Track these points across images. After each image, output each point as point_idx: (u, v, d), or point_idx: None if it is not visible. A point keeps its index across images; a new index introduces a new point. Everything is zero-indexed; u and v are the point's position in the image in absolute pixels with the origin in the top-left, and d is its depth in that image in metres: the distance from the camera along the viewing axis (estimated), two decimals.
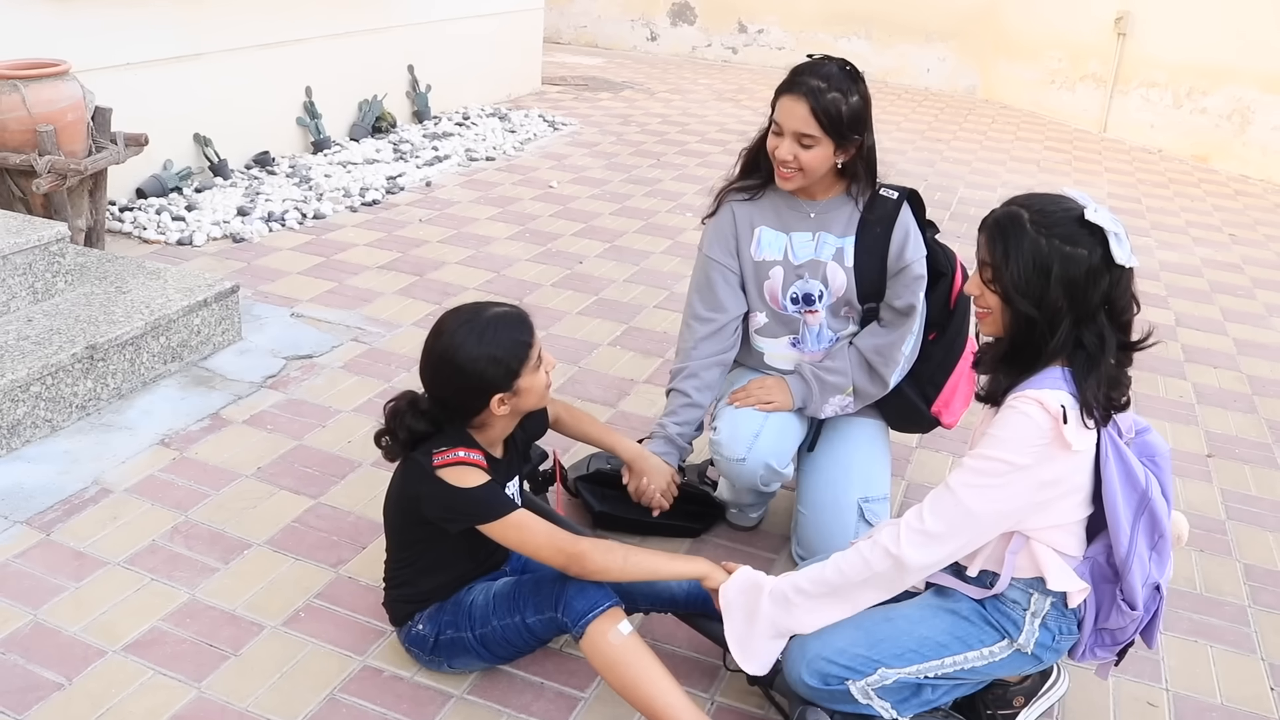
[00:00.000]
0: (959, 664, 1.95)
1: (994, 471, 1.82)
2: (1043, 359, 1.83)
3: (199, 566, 2.49)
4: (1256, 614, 2.64)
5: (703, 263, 2.62)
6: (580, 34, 11.39)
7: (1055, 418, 1.77)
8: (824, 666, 1.94)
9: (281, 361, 3.51)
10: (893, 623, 1.97)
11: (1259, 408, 3.79)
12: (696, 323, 2.61)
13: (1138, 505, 1.88)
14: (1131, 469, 1.87)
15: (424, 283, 4.29)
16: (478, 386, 2.05)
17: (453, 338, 2.06)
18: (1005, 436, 1.81)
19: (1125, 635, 1.96)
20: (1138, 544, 1.88)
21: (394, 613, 2.24)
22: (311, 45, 5.91)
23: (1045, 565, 1.89)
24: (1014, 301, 1.82)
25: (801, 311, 2.56)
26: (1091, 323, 1.81)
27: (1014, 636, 1.93)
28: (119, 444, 2.96)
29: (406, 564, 2.19)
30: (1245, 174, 7.50)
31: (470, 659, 2.17)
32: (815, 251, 2.52)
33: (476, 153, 6.32)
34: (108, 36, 4.64)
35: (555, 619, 2.04)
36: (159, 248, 4.44)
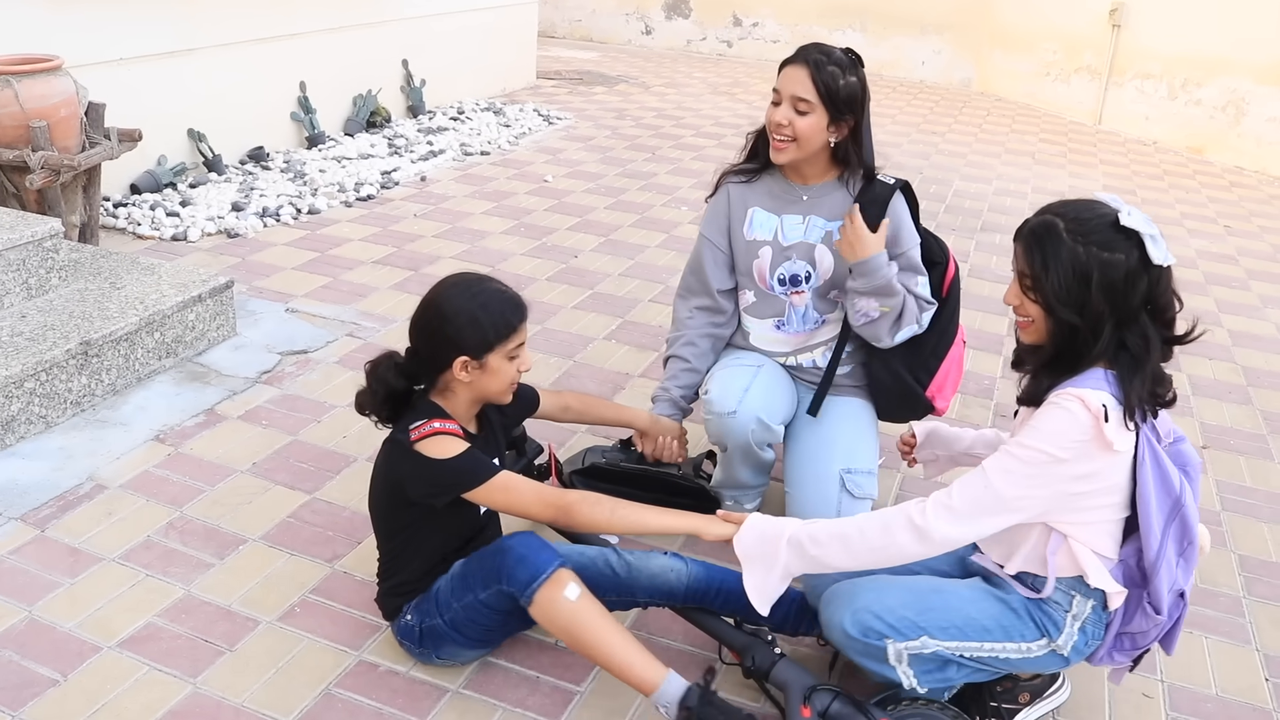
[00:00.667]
0: (995, 651, 1.96)
1: (1031, 460, 1.83)
2: (1086, 362, 1.84)
3: (194, 562, 2.49)
4: (1251, 605, 2.64)
5: (699, 240, 2.74)
6: (575, 28, 11.37)
7: (1096, 416, 1.78)
8: (870, 620, 1.94)
9: (276, 357, 3.51)
10: (944, 596, 1.98)
11: (1254, 399, 3.80)
12: (690, 295, 2.75)
13: (1170, 510, 1.89)
14: (1167, 473, 1.88)
15: (419, 277, 4.28)
16: (451, 339, 2.07)
17: (450, 288, 2.12)
18: (1047, 429, 1.82)
19: (1146, 640, 1.96)
20: (1167, 549, 1.88)
21: (385, 607, 2.26)
22: (305, 40, 5.89)
23: (1085, 564, 1.89)
24: (1056, 311, 1.84)
25: (788, 293, 2.64)
26: (1134, 324, 1.82)
27: (1053, 637, 1.95)
28: (114, 440, 2.96)
29: (394, 555, 2.20)
30: (1240, 165, 7.51)
31: (453, 647, 2.17)
32: (804, 234, 2.59)
33: (471, 147, 6.31)
34: (101, 32, 4.63)
35: (502, 591, 2.04)
36: (153, 243, 4.43)
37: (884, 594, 1.97)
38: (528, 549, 2.03)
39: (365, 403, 2.15)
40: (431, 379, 2.15)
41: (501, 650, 2.27)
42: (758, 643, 2.13)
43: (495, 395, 2.17)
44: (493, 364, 2.10)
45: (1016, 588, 1.97)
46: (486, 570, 2.06)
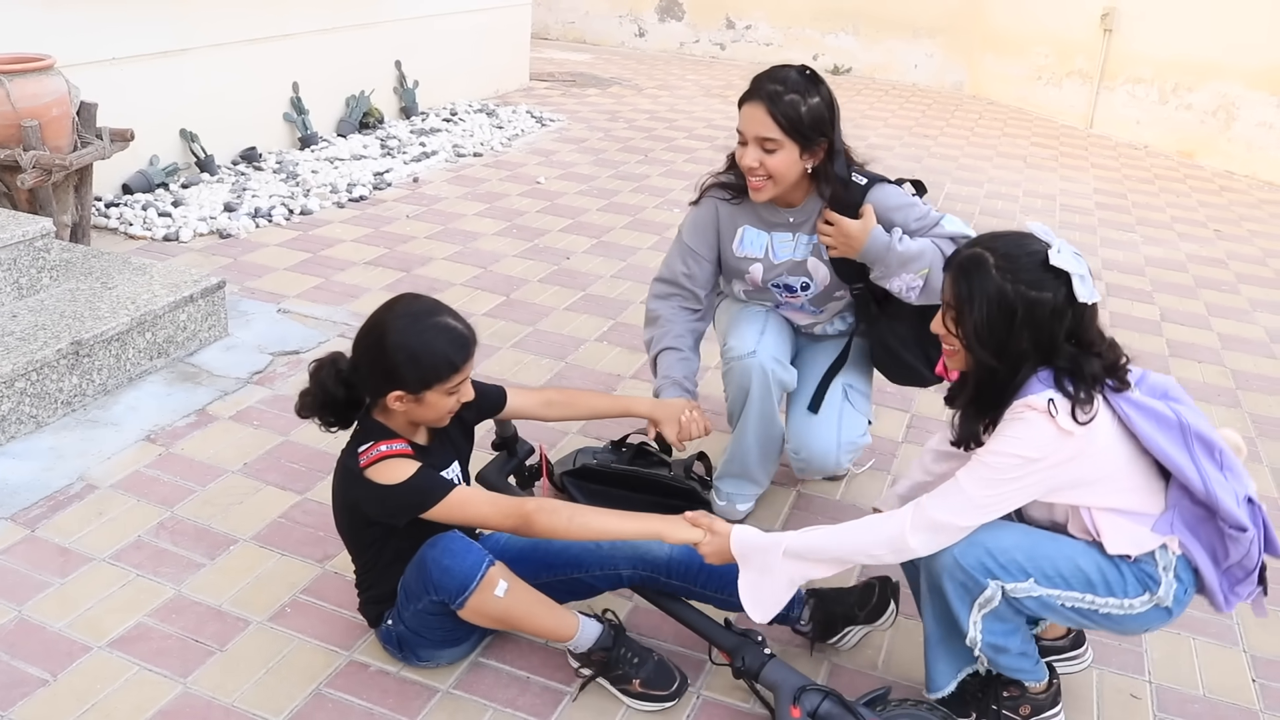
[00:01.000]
0: (1097, 605, 1.95)
1: (1004, 466, 1.86)
2: (1008, 397, 1.88)
3: (185, 562, 2.49)
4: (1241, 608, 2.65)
5: (679, 246, 2.71)
6: (568, 30, 11.38)
7: (1045, 412, 1.81)
8: (982, 555, 1.94)
9: (268, 357, 3.50)
10: (1057, 544, 1.96)
11: (1242, 402, 3.81)
12: (671, 296, 2.72)
13: (1183, 438, 1.89)
14: (1156, 411, 1.89)
15: (411, 278, 4.28)
16: (387, 372, 2.03)
17: (396, 319, 2.05)
18: (1013, 436, 1.86)
19: (1252, 561, 1.92)
20: (1206, 470, 1.87)
21: (368, 616, 2.26)
22: (299, 41, 5.89)
23: (1103, 531, 1.90)
24: (974, 350, 1.88)
25: (782, 295, 2.69)
26: (1057, 354, 1.85)
27: (1154, 591, 1.92)
28: (104, 440, 2.95)
29: (368, 567, 2.19)
30: (1230, 169, 7.54)
31: (428, 649, 2.18)
32: (793, 252, 2.60)
33: (464, 148, 6.31)
34: (93, 31, 4.62)
35: (434, 600, 2.05)
36: (145, 243, 4.43)
37: (1000, 534, 1.96)
38: (452, 557, 2.03)
39: (305, 405, 2.11)
40: (370, 398, 2.11)
41: (491, 650, 2.27)
42: (747, 643, 2.14)
43: (430, 423, 2.14)
44: (429, 399, 2.05)
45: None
46: (418, 583, 2.07)
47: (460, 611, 2.05)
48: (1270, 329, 4.55)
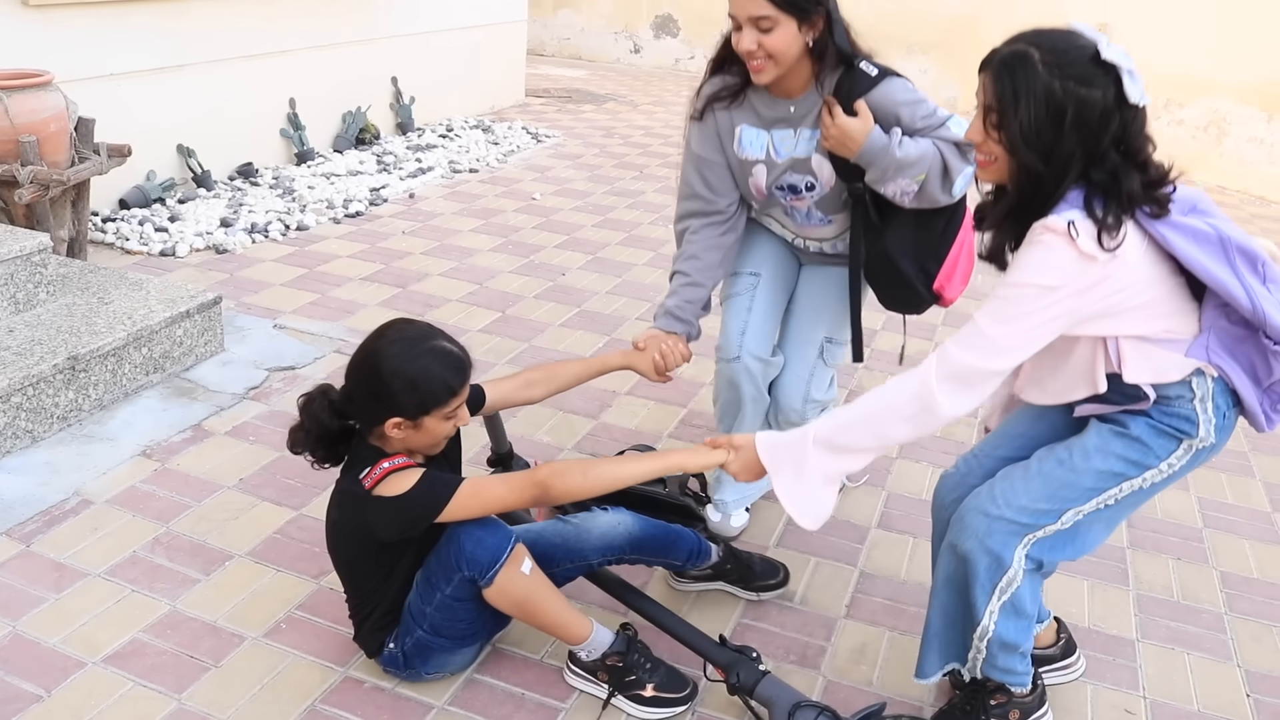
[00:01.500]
0: (1137, 486, 1.90)
1: (1021, 297, 1.75)
2: (1050, 206, 1.74)
3: (180, 578, 2.49)
4: (1233, 621, 2.66)
5: (691, 159, 2.59)
6: (563, 46, 11.42)
7: (1063, 233, 1.69)
8: (1009, 527, 1.92)
9: (264, 373, 3.51)
10: (1067, 465, 1.92)
11: None
12: (689, 216, 2.61)
13: (1223, 252, 1.76)
14: (1193, 228, 1.76)
15: (407, 294, 4.29)
16: (386, 401, 2.00)
17: (390, 345, 2.04)
18: (1029, 264, 1.74)
19: None
20: (1250, 284, 1.75)
21: (368, 646, 2.23)
22: (295, 57, 5.91)
23: (1126, 359, 1.82)
24: (1019, 153, 1.73)
25: (787, 198, 2.54)
26: (1102, 162, 1.72)
27: (1193, 435, 1.85)
28: (100, 455, 2.95)
29: (370, 592, 2.17)
30: (1222, 185, 7.58)
31: (441, 656, 2.17)
32: (795, 149, 2.45)
33: (460, 165, 6.33)
34: (91, 47, 4.64)
35: (464, 578, 2.04)
36: (141, 258, 4.44)
37: (1013, 495, 1.93)
38: (484, 529, 2.03)
39: (299, 441, 2.08)
40: (367, 425, 2.09)
41: (486, 666, 2.27)
42: (742, 660, 2.15)
43: (425, 449, 2.12)
44: (428, 425, 2.04)
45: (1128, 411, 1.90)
46: (445, 563, 2.06)
47: (488, 590, 2.03)
48: None
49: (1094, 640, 2.53)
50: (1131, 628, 2.59)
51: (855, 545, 2.83)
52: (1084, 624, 2.59)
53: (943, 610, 2.07)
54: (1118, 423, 1.91)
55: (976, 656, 2.05)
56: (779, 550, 2.78)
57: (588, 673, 2.21)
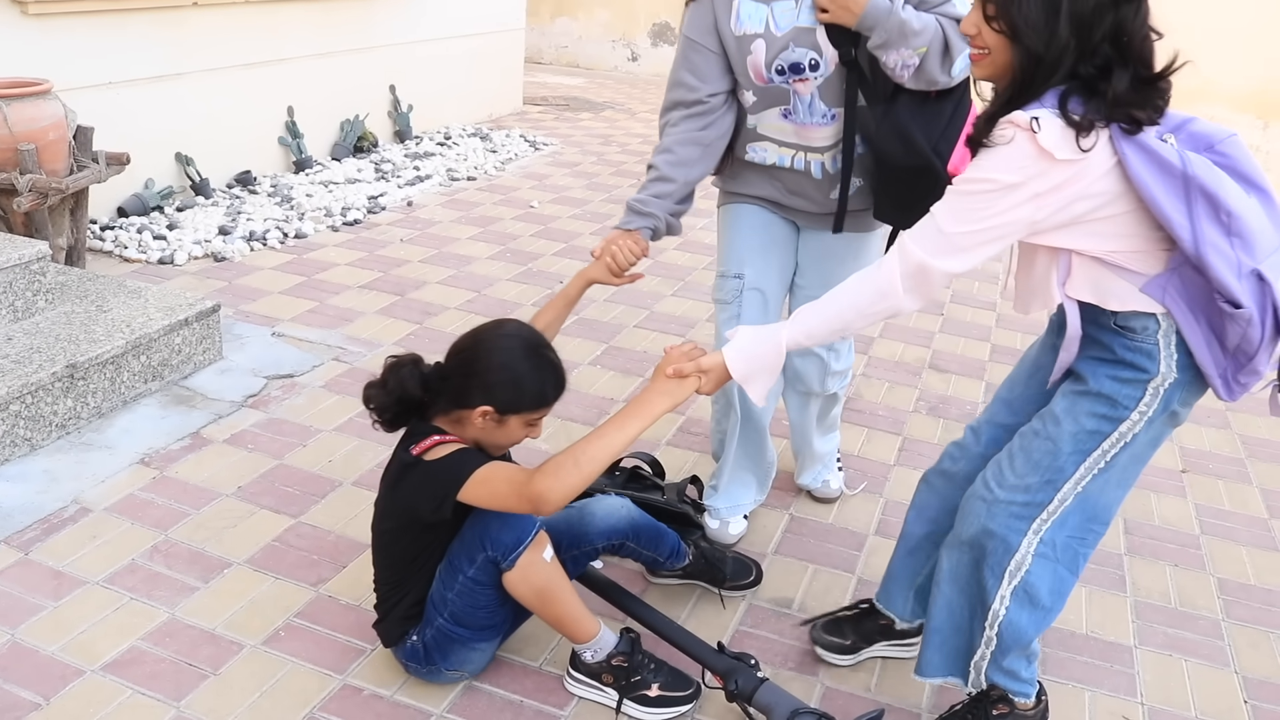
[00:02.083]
0: (1120, 441, 1.89)
1: (977, 192, 1.76)
2: (1044, 90, 1.73)
3: (178, 585, 2.49)
4: (1230, 628, 2.67)
5: (682, 44, 2.47)
6: (561, 54, 11.45)
7: (1024, 127, 1.69)
8: (1008, 509, 1.95)
9: (262, 381, 3.51)
10: (1044, 436, 1.94)
11: (1231, 423, 3.84)
12: (672, 107, 2.49)
13: (1184, 190, 1.72)
14: (1161, 156, 1.72)
15: (405, 302, 4.30)
16: (487, 387, 2.05)
17: (508, 339, 2.11)
18: (988, 161, 1.75)
19: (1251, 345, 1.77)
20: (1204, 231, 1.72)
21: (387, 634, 2.23)
22: (293, 65, 5.93)
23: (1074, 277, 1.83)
24: (1022, 37, 1.71)
25: (789, 81, 2.37)
26: (1093, 55, 1.71)
27: (1153, 372, 1.83)
28: (98, 463, 2.95)
29: (396, 584, 2.19)
30: None
31: (462, 650, 2.16)
32: (798, 18, 2.32)
33: (458, 172, 6.34)
34: (90, 56, 4.65)
35: (488, 558, 2.05)
36: (140, 266, 4.44)
37: (1004, 475, 1.97)
38: (502, 520, 2.05)
39: (373, 397, 2.11)
40: (447, 406, 2.12)
41: (485, 673, 2.28)
42: (741, 667, 2.15)
43: (495, 448, 2.16)
44: (510, 424, 2.09)
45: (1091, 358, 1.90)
46: (468, 543, 2.06)
47: (509, 573, 2.04)
48: None
49: (1091, 647, 2.54)
50: (1129, 634, 2.60)
51: (854, 553, 2.84)
52: (1082, 630, 2.59)
53: (947, 606, 2.09)
54: (1079, 379, 1.93)
55: (985, 652, 2.05)
56: (777, 558, 2.78)
57: (590, 677, 2.21)
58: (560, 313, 2.46)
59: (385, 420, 2.14)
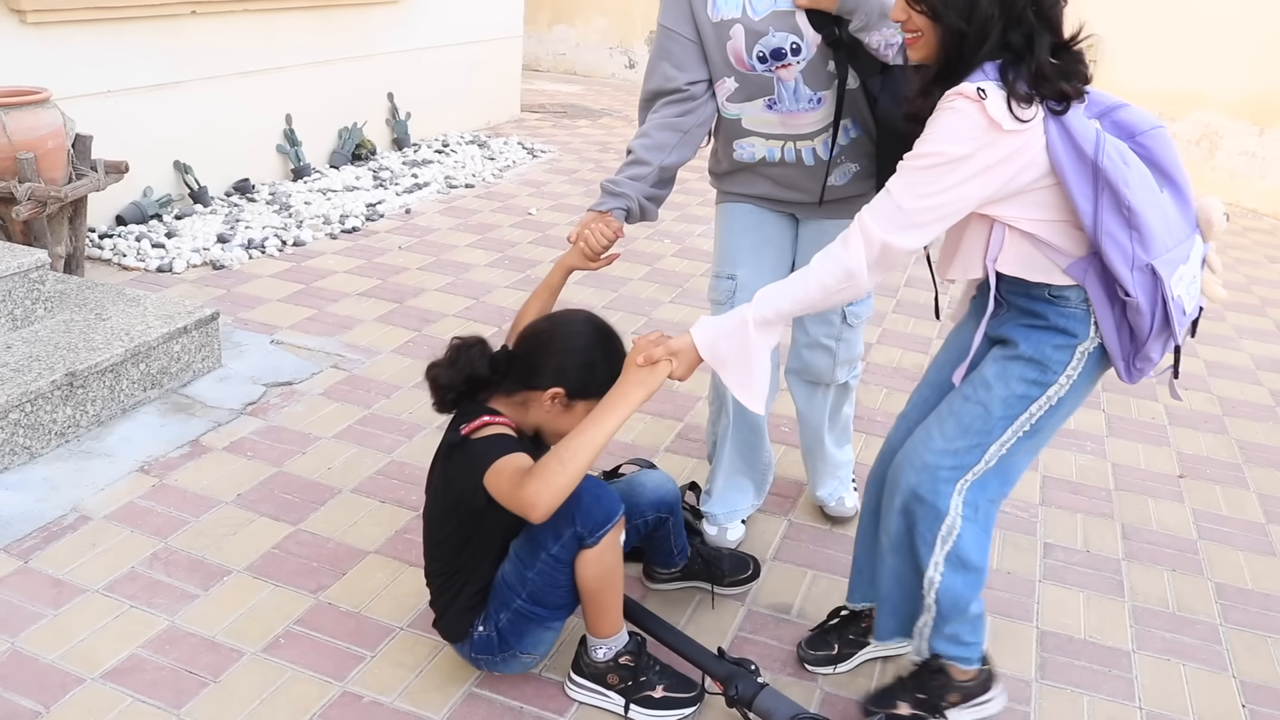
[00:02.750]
0: (1045, 405, 1.96)
1: (930, 165, 1.80)
2: (974, 65, 1.80)
3: (178, 593, 2.49)
4: (1228, 632, 2.67)
5: (659, 33, 2.46)
6: (559, 61, 11.47)
7: (974, 98, 1.75)
8: (935, 474, 1.99)
9: (261, 388, 3.52)
10: (974, 400, 1.99)
11: (1229, 428, 3.85)
12: (652, 98, 2.50)
13: (1093, 178, 1.80)
14: (1078, 139, 1.80)
15: (403, 309, 4.30)
16: (563, 369, 2.07)
17: (585, 326, 2.14)
18: (938, 133, 1.80)
19: (1141, 332, 1.89)
20: (1104, 222, 1.81)
21: (451, 628, 2.21)
22: (292, 73, 5.94)
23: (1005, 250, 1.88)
24: (943, 16, 1.80)
25: (772, 69, 2.36)
26: (1019, 24, 1.78)
27: (1080, 337, 1.92)
28: (98, 471, 2.96)
29: (451, 575, 2.17)
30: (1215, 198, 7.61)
31: (536, 631, 2.15)
32: (775, 2, 2.31)
33: (456, 180, 6.35)
34: (89, 64, 4.66)
35: (575, 533, 2.05)
36: (139, 275, 4.45)
37: (930, 439, 2.02)
38: (600, 489, 2.07)
39: (440, 375, 2.10)
40: (514, 387, 2.12)
41: (485, 680, 2.28)
42: (741, 672, 2.16)
43: (553, 436, 2.14)
44: (577, 410, 2.09)
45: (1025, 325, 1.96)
46: (556, 520, 2.02)
47: (589, 550, 2.05)
48: (1256, 355, 4.59)
49: (1090, 652, 2.54)
50: (1127, 639, 2.60)
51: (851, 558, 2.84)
52: (1080, 635, 2.60)
53: (893, 576, 2.14)
54: (1009, 344, 1.98)
55: (927, 619, 2.09)
56: (776, 563, 2.79)
57: (593, 680, 2.21)
58: (546, 303, 2.46)
59: (446, 400, 2.13)
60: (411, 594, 2.54)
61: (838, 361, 2.70)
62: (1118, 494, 3.30)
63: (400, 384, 3.63)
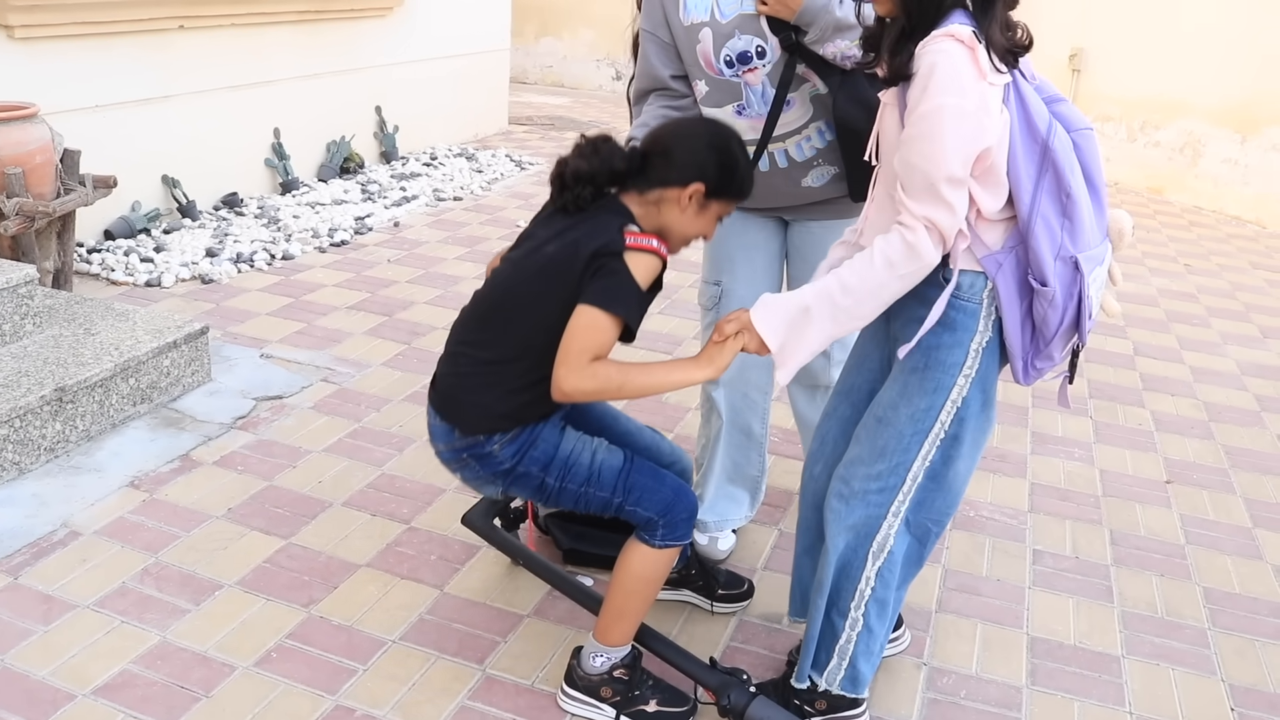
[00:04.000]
0: (952, 409, 1.95)
1: (942, 119, 1.74)
2: (943, 14, 1.78)
3: (170, 608, 2.49)
4: (1216, 636, 2.69)
5: (642, 36, 2.56)
6: (546, 74, 11.50)
7: (971, 45, 1.73)
8: (864, 500, 2.01)
9: (251, 402, 3.52)
10: (884, 421, 2.00)
11: (1215, 434, 3.87)
12: (641, 97, 2.59)
13: (1040, 158, 1.81)
14: (1032, 115, 1.81)
15: (393, 323, 4.31)
16: (705, 165, 2.01)
17: (728, 133, 2.09)
18: (937, 83, 1.74)
19: (1049, 328, 1.88)
20: (1041, 203, 1.80)
21: (465, 418, 2.08)
22: (280, 87, 5.94)
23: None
24: None
25: (739, 73, 2.41)
26: None
27: (974, 330, 1.91)
28: (88, 486, 2.95)
29: (487, 362, 2.06)
30: (1198, 205, 7.67)
31: (533, 495, 2.14)
32: (742, 5, 2.37)
33: (444, 192, 6.36)
34: (77, 79, 4.66)
35: (651, 520, 2.08)
36: (127, 289, 4.44)
37: (853, 468, 2.04)
38: (693, 504, 2.13)
39: (577, 168, 2.00)
40: (650, 185, 2.03)
41: (478, 692, 2.28)
42: (733, 682, 2.16)
43: (680, 236, 2.07)
44: (711, 210, 2.05)
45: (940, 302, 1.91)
46: (651, 496, 2.08)
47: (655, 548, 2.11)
48: (1241, 361, 4.63)
49: (1080, 657, 2.56)
50: (1117, 644, 2.62)
51: None
52: (1070, 641, 2.61)
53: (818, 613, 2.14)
54: (903, 362, 1.98)
55: (850, 635, 2.09)
56: (767, 573, 2.79)
57: (587, 693, 2.21)
58: None
59: (581, 196, 2.02)
60: (403, 607, 2.54)
61: (832, 362, 2.70)
62: (1106, 500, 3.32)
63: (390, 397, 3.64)
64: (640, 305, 1.99)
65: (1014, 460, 3.53)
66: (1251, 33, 7.23)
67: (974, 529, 3.08)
